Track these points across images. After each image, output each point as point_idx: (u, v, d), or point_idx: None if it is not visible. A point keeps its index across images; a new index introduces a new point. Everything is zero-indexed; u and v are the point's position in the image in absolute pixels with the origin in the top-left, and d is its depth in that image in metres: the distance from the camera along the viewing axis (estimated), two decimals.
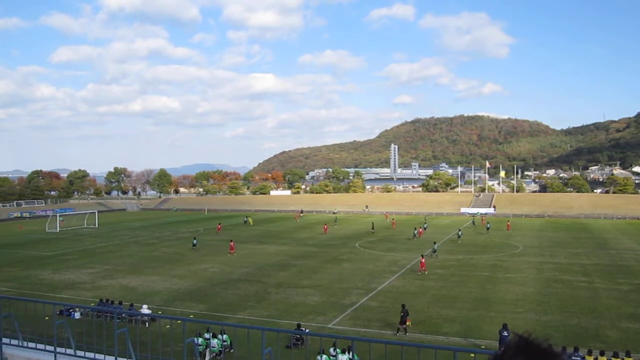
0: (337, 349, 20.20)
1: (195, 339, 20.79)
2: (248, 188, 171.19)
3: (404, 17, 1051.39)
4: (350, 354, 18.90)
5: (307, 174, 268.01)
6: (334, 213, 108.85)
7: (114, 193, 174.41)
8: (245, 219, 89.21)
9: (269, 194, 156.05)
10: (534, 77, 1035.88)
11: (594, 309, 29.81)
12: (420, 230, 66.87)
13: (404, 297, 32.80)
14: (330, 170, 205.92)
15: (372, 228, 71.87)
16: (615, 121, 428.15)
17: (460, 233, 64.59)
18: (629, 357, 19.96)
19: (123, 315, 24.28)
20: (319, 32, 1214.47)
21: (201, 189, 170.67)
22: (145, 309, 27.64)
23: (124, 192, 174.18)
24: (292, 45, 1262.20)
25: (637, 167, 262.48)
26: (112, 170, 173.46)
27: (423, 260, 41.96)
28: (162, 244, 60.53)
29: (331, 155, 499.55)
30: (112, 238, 67.27)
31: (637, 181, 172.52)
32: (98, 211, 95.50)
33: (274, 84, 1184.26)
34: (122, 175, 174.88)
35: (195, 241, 57.21)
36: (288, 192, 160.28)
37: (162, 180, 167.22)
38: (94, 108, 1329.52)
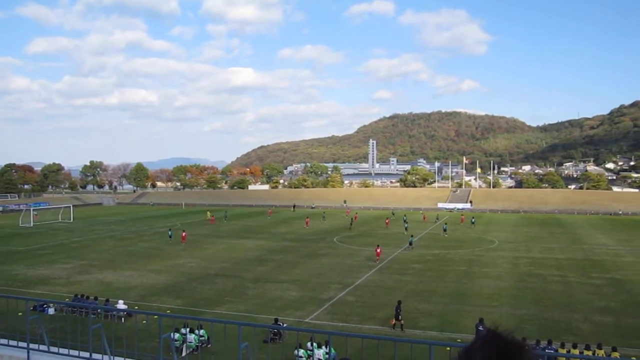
0: (315, 344, 20.22)
1: (172, 334, 20.65)
2: (226, 182, 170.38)
3: (384, 13, 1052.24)
4: (327, 348, 18.99)
5: (286, 169, 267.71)
6: (312, 208, 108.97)
7: (90, 187, 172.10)
8: (225, 214, 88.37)
9: (247, 188, 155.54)
10: (511, 74, 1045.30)
11: (568, 303, 30.32)
12: (388, 221, 73.17)
13: (381, 292, 33.04)
14: (309, 165, 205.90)
15: (351, 224, 72.03)
16: (589, 118, 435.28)
17: (445, 226, 65.94)
18: (601, 349, 20.34)
19: (98, 310, 24.05)
20: (299, 27, 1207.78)
21: (178, 183, 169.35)
22: (121, 305, 27.38)
23: (100, 186, 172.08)
24: (272, 39, 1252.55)
25: (610, 163, 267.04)
26: (88, 164, 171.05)
27: (379, 250, 43.96)
28: (138, 239, 59.99)
29: (310, 150, 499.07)
30: (87, 233, 66.42)
31: (610, 178, 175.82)
32: (73, 205, 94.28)
33: (253, 78, 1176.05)
34: (98, 169, 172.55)
35: (170, 232, 58.13)
36: (266, 187, 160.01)
37: (138, 174, 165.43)
38: (70, 100, 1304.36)
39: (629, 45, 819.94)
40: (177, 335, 21.30)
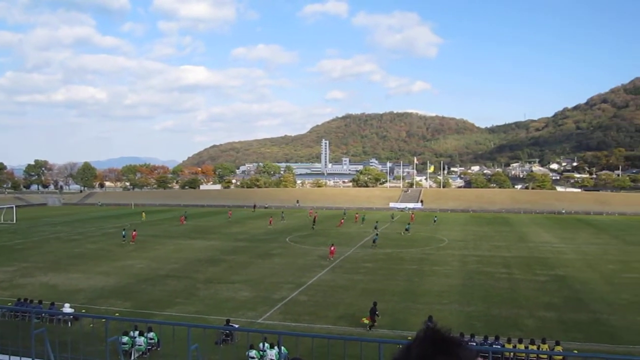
0: (267, 344, 20.16)
1: (121, 337, 20.20)
2: (177, 182, 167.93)
3: (338, 14, 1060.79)
4: (279, 348, 18.95)
5: (238, 168, 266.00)
6: (265, 208, 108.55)
7: (34, 187, 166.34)
8: (185, 214, 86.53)
9: (199, 188, 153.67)
10: (461, 76, 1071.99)
11: (514, 299, 31.19)
12: (342, 221, 76.36)
13: (333, 291, 33.20)
14: (261, 164, 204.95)
15: (314, 224, 71.97)
16: (534, 120, 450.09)
17: (408, 226, 67.45)
18: (545, 344, 21.01)
19: (43, 314, 23.31)
20: (252, 26, 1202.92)
21: (128, 183, 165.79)
22: (67, 308, 26.60)
23: (45, 186, 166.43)
24: (224, 38, 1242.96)
25: (554, 164, 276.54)
26: (32, 163, 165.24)
27: (332, 249, 45.64)
28: (86, 240, 58.33)
29: (262, 149, 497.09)
30: (31, 234, 64.17)
31: (554, 178, 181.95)
32: (16, 206, 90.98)
33: (206, 77, 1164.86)
34: (43, 169, 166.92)
35: (124, 232, 57.17)
36: (218, 187, 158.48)
37: (86, 174, 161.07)
38: (13, 97, 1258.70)
39: (572, 50, 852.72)
40: (125, 339, 20.85)
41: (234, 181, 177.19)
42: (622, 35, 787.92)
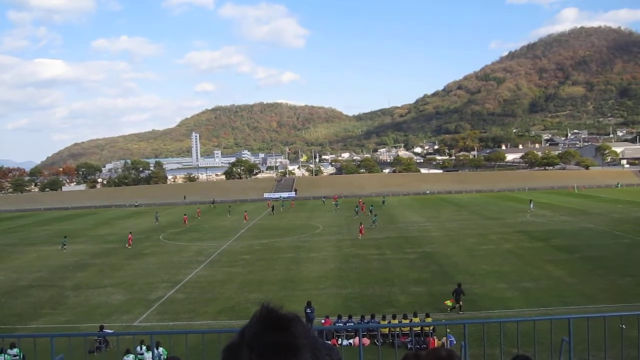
0: (144, 346, 19.48)
1: None
2: (36, 184, 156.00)
3: (204, 5, 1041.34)
4: (155, 349, 18.38)
5: (104, 167, 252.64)
6: (135, 206, 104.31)
7: None
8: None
9: (61, 189, 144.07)
10: (328, 67, 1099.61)
11: (386, 278, 32.71)
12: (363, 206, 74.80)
13: (211, 286, 32.76)
14: (129, 161, 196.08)
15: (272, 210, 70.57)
16: (398, 107, 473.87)
17: (375, 217, 66.43)
18: (416, 317, 22.33)
19: None
20: (114, 17, 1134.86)
21: None
22: None
23: None
24: (84, 29, 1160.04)
25: (418, 148, 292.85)
26: None
27: (362, 227, 50.34)
28: None
29: (129, 145, 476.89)
30: None
31: (418, 160, 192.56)
32: None
33: (64, 71, 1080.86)
34: None
35: (64, 240, 52.15)
36: (83, 187, 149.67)
37: None
38: None
39: (429, 40, 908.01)
40: None
41: (100, 180, 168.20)
42: (473, 26, 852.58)
